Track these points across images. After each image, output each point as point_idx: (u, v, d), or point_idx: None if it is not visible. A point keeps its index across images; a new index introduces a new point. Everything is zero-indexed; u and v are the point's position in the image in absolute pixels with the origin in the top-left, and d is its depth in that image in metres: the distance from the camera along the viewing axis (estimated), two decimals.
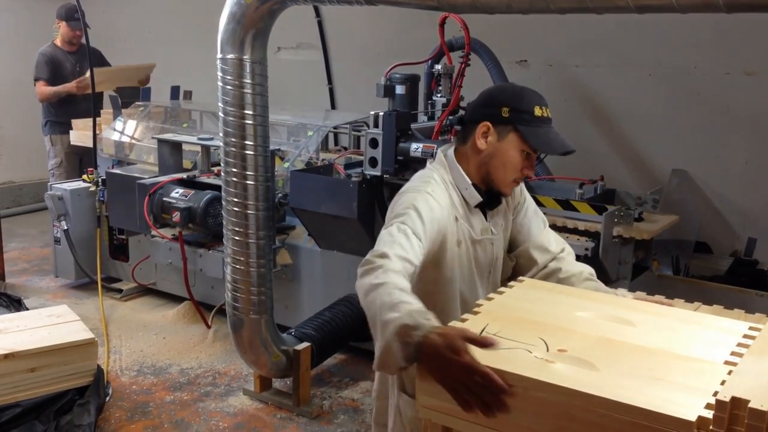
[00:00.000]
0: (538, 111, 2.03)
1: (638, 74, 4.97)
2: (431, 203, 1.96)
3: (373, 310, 1.67)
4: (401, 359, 1.57)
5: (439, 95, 4.22)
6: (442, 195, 2.02)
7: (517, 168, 2.05)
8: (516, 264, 2.25)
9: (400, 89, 4.35)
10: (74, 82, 5.85)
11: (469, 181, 2.07)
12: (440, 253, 1.99)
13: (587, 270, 2.22)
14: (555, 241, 2.25)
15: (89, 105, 5.74)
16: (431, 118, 4.42)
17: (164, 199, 4.34)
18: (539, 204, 3.68)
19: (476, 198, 2.08)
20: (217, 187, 3.98)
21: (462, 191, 2.07)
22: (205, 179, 4.46)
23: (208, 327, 4.62)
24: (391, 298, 1.64)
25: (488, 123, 2.02)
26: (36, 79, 5.96)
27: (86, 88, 5.72)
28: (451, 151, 2.13)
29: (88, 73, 5.61)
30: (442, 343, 1.50)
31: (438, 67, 4.19)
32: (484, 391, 1.46)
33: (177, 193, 4.35)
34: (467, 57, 4.07)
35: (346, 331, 4.02)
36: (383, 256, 1.77)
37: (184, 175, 4.55)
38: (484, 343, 1.50)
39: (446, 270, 2.03)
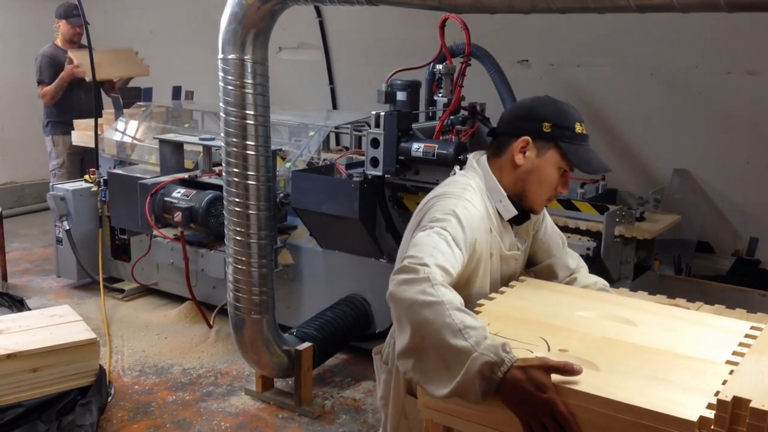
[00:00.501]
0: (578, 128, 1.97)
1: (640, 74, 4.97)
2: (471, 211, 1.88)
3: (430, 330, 1.58)
4: (480, 395, 1.52)
5: (440, 95, 4.23)
6: (480, 204, 1.95)
7: (553, 186, 1.99)
8: (535, 277, 2.20)
9: (401, 95, 4.33)
10: (68, 68, 5.80)
11: (505, 194, 2.00)
12: (474, 264, 1.91)
13: (600, 281, 2.21)
14: (572, 258, 2.25)
15: (91, 105, 5.75)
16: (431, 118, 4.42)
17: (166, 199, 4.35)
18: None
19: (511, 212, 2.00)
20: (219, 187, 3.98)
21: (496, 203, 2.00)
22: (206, 179, 4.46)
23: (210, 327, 4.63)
24: (453, 320, 1.57)
25: (528, 138, 1.95)
26: (39, 82, 5.94)
27: (80, 73, 5.72)
28: (484, 160, 2.05)
29: (79, 60, 5.63)
30: (526, 379, 1.47)
31: (439, 67, 4.19)
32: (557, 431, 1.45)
33: (179, 193, 4.35)
34: (468, 57, 4.08)
35: (348, 330, 4.03)
36: (425, 265, 1.68)
37: (185, 175, 4.55)
38: (568, 371, 1.47)
39: (477, 282, 1.95)
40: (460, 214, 1.84)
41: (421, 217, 1.92)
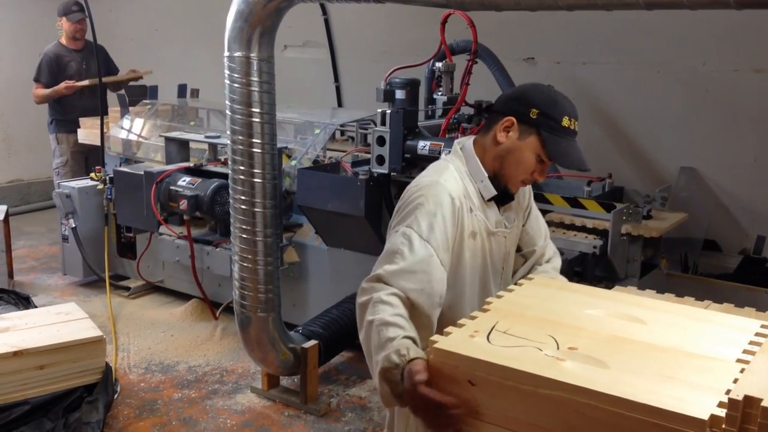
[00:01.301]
0: (566, 122, 1.99)
1: (646, 71, 4.95)
2: (441, 198, 1.95)
3: (368, 352, 1.82)
4: (393, 398, 1.73)
5: (440, 93, 4.20)
6: (456, 186, 2.01)
7: (529, 170, 2.03)
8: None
9: (400, 93, 4.30)
10: (62, 84, 5.83)
11: (486, 174, 2.06)
12: (457, 245, 1.99)
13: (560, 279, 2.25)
14: (550, 250, 2.30)
15: (96, 103, 5.76)
16: (431, 117, 4.39)
17: (171, 187, 4.34)
18: (547, 202, 3.69)
19: (491, 191, 2.06)
20: (224, 176, 3.97)
21: (477, 183, 2.06)
22: (212, 168, 4.46)
23: (216, 318, 4.63)
24: (379, 337, 1.77)
25: (513, 118, 1.99)
26: (34, 80, 5.93)
27: (74, 88, 5.74)
28: (469, 143, 2.12)
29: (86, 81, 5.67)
30: (406, 381, 1.66)
31: (439, 65, 4.16)
32: (441, 415, 1.59)
33: (184, 181, 4.35)
34: (474, 55, 4.06)
35: (354, 328, 3.96)
36: (378, 280, 1.87)
37: (191, 164, 4.55)
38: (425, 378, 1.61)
39: (467, 261, 2.03)
40: (427, 206, 1.94)
41: (396, 214, 2.03)
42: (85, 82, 5.79)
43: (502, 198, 2.10)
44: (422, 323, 1.87)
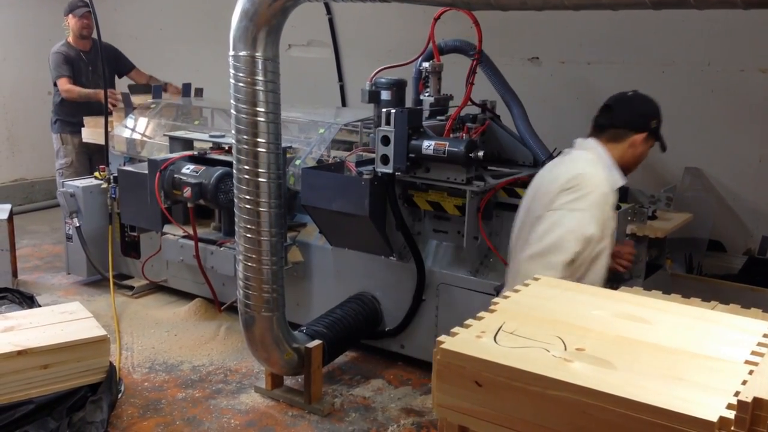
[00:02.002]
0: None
1: (652, 71, 4.93)
2: (603, 190, 2.59)
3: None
4: None
5: (427, 94, 4.06)
6: (606, 184, 2.62)
7: None
8: None
9: (385, 94, 4.05)
10: (113, 95, 5.70)
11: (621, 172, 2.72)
12: (607, 235, 2.62)
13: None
14: None
15: (100, 103, 5.75)
16: (428, 117, 4.30)
17: (175, 175, 4.33)
18: None
19: (620, 183, 2.72)
20: (228, 164, 3.95)
21: (614, 179, 2.67)
22: (215, 156, 4.46)
23: (220, 311, 4.69)
24: None
25: (646, 133, 2.70)
26: (58, 77, 5.88)
27: (116, 100, 5.63)
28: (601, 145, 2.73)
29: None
30: None
31: (426, 65, 4.05)
32: None
33: (188, 169, 4.34)
34: (479, 54, 4.04)
35: (358, 328, 4.02)
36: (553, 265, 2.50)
37: (195, 152, 4.54)
38: None
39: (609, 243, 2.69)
40: (593, 197, 2.54)
41: (555, 195, 2.58)
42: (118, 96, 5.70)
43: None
44: None
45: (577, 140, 2.83)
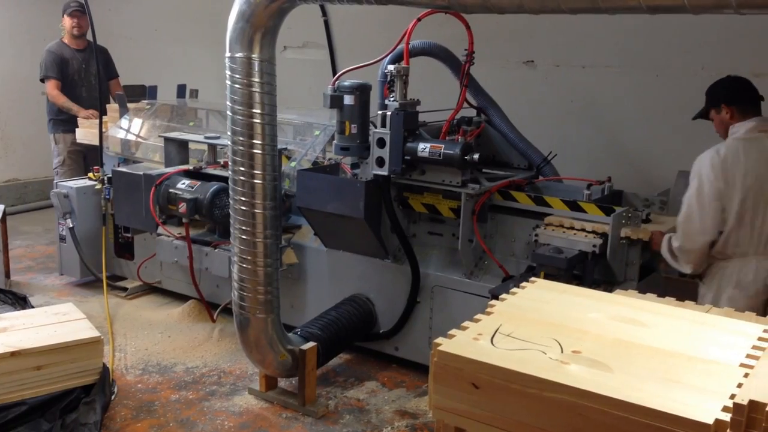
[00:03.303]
0: None
1: (645, 75, 4.96)
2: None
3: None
4: None
5: (392, 99, 3.76)
6: None
7: None
8: None
9: (348, 99, 3.77)
10: (89, 112, 5.81)
11: None
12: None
13: None
14: None
15: (94, 103, 5.75)
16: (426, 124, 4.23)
17: (170, 190, 4.33)
18: (547, 205, 3.70)
19: None
20: (224, 179, 3.95)
21: None
22: (211, 170, 4.45)
23: (213, 321, 4.62)
24: None
25: None
26: (45, 78, 5.94)
27: (93, 117, 5.71)
28: None
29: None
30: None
31: (391, 68, 3.78)
32: None
33: (183, 184, 4.34)
34: (470, 56, 4.02)
35: (352, 330, 4.02)
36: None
37: (190, 167, 4.54)
38: None
39: None
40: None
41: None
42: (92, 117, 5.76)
43: None
44: None
45: None
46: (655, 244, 3.45)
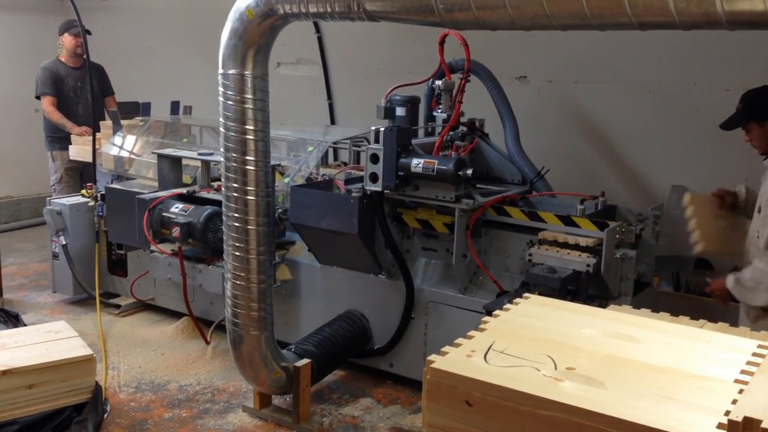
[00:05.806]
0: None
1: (638, 90, 4.98)
2: None
3: None
4: None
5: (439, 111, 4.24)
6: None
7: None
8: None
9: (400, 111, 4.38)
10: (82, 129, 5.84)
11: None
12: None
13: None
14: None
15: (88, 120, 5.76)
16: (431, 134, 4.42)
17: (164, 214, 4.32)
18: (541, 220, 3.70)
19: None
20: (217, 203, 3.95)
21: None
22: (205, 194, 4.44)
23: (207, 343, 4.59)
24: None
25: None
26: (42, 94, 5.94)
27: (86, 134, 5.73)
28: None
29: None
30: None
31: (438, 83, 4.21)
32: None
33: (177, 208, 4.33)
34: (467, 74, 4.08)
35: (346, 347, 4.00)
36: None
37: (183, 190, 4.53)
38: None
39: None
40: None
41: None
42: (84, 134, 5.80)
43: None
44: None
45: None
46: (719, 292, 3.45)
